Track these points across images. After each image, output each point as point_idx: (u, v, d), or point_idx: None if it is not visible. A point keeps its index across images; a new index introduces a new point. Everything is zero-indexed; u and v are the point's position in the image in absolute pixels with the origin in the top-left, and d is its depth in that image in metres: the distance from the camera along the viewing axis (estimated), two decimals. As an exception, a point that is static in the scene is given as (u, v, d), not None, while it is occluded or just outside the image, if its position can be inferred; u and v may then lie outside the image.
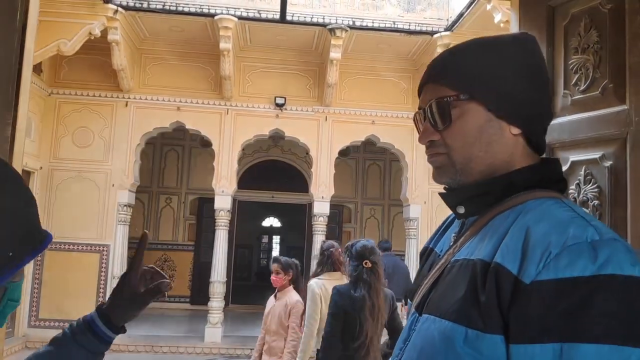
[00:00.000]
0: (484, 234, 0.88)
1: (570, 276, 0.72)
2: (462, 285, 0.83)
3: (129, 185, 8.48)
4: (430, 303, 0.90)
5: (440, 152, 0.94)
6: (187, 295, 11.82)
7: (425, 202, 8.89)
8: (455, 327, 0.80)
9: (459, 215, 0.97)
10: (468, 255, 0.87)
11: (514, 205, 0.88)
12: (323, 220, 8.84)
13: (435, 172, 0.97)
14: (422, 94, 0.98)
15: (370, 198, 12.49)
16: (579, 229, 0.76)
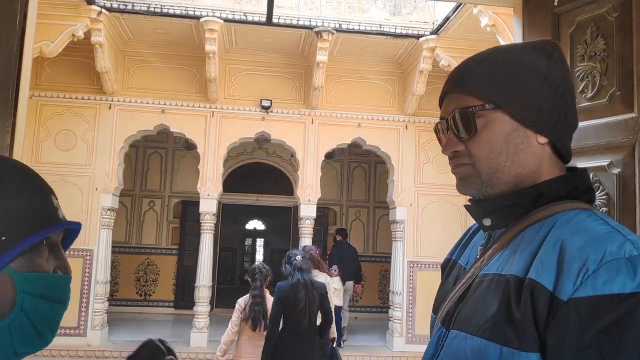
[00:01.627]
0: (514, 248, 0.86)
1: (610, 293, 0.71)
2: (495, 301, 0.82)
3: (113, 189, 8.36)
4: (459, 318, 0.89)
5: (465, 162, 0.92)
6: (171, 299, 11.69)
7: (412, 205, 8.92)
8: (489, 344, 0.79)
9: (485, 228, 0.96)
10: (499, 270, 0.85)
11: (544, 217, 0.87)
12: (310, 223, 8.82)
13: (460, 182, 0.95)
14: (444, 104, 0.97)
15: (356, 200, 12.51)
16: (616, 244, 0.75)
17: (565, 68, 0.94)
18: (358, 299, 12.26)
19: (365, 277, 12.29)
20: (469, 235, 1.08)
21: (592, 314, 0.71)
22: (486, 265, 0.89)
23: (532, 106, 0.89)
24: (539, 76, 0.90)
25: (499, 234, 0.92)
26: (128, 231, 11.70)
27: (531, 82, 0.89)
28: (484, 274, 0.88)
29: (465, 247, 1.05)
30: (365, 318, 11.91)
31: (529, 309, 0.76)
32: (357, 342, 9.19)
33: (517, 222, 0.89)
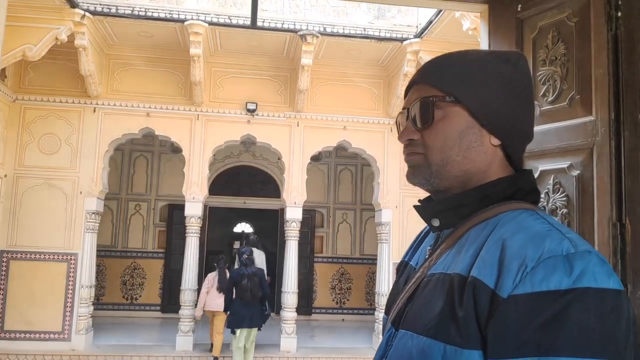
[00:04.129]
0: (459, 247, 0.88)
1: (547, 290, 0.72)
2: (439, 300, 0.83)
3: (97, 192, 8.32)
4: (406, 318, 0.90)
5: (417, 151, 0.94)
6: (158, 303, 11.64)
7: (397, 207, 8.97)
8: (433, 343, 0.80)
9: (433, 228, 0.97)
10: (444, 269, 0.87)
11: (488, 217, 0.88)
12: (296, 226, 8.83)
13: (410, 171, 0.97)
14: (408, 95, 0.99)
15: (342, 203, 12.53)
16: (555, 242, 0.76)
17: (528, 79, 0.96)
18: (345, 301, 12.29)
19: (352, 279, 12.33)
20: (421, 237, 1.09)
21: (529, 311, 0.72)
22: (434, 265, 0.91)
23: (490, 106, 0.91)
24: (502, 80, 0.92)
25: (446, 234, 0.94)
26: (114, 235, 11.63)
27: (493, 84, 0.91)
28: (432, 273, 0.89)
29: (417, 248, 1.07)
30: (353, 320, 11.93)
31: (471, 306, 0.78)
32: (344, 344, 9.21)
33: (463, 223, 0.90)
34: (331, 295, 12.28)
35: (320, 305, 12.16)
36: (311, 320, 11.49)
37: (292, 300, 8.68)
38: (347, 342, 9.41)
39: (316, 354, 8.45)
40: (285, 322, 8.60)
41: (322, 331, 10.56)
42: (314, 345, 9.12)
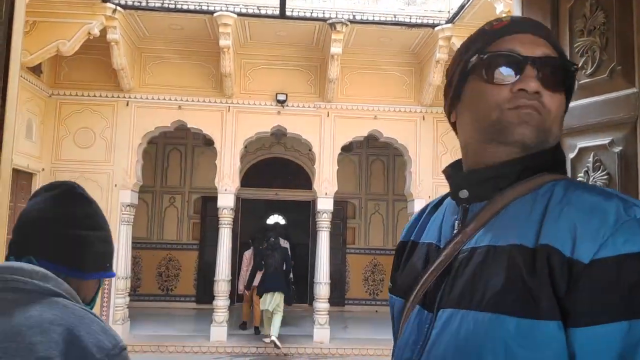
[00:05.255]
0: (506, 219, 0.84)
1: (631, 252, 0.72)
2: (497, 272, 0.78)
3: (132, 185, 8.45)
4: (451, 296, 0.83)
5: (539, 110, 0.86)
6: (193, 294, 11.80)
7: (430, 197, 8.81)
8: (502, 318, 0.75)
9: (460, 201, 0.92)
10: (492, 242, 0.82)
11: (533, 188, 0.85)
12: (327, 217, 8.79)
13: (527, 129, 0.86)
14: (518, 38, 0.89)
15: (374, 193, 12.43)
16: (625, 207, 0.76)
17: None
18: (379, 293, 12.21)
19: (385, 270, 12.24)
20: (425, 215, 1.03)
21: (617, 274, 0.71)
22: (470, 240, 0.85)
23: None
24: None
25: (479, 207, 0.89)
26: (149, 227, 11.82)
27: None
28: (472, 247, 0.84)
29: (423, 227, 1.01)
30: (386, 311, 11.76)
31: (545, 275, 0.75)
32: (378, 336, 9.13)
33: (501, 195, 0.86)
34: (364, 287, 12.22)
35: (353, 296, 12.12)
36: (344, 312, 11.46)
37: (325, 291, 8.66)
38: (381, 334, 9.32)
39: (349, 345, 8.42)
40: (318, 313, 8.59)
41: (355, 322, 10.51)
42: (347, 336, 9.08)
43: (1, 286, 1.01)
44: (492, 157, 0.89)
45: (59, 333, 0.97)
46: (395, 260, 1.05)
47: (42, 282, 1.03)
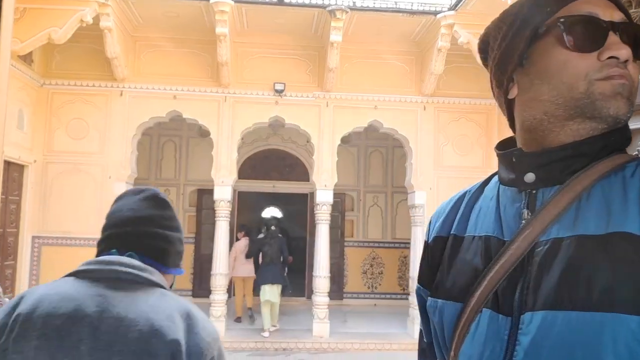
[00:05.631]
0: (592, 205, 0.74)
1: None
2: (603, 267, 0.68)
3: (126, 177, 8.25)
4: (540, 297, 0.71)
5: (629, 80, 0.76)
6: (189, 288, 11.62)
7: (431, 188, 8.67)
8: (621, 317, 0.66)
9: (523, 186, 0.80)
10: (583, 230, 0.72)
11: (613, 168, 0.75)
12: (326, 209, 8.62)
13: (620, 100, 0.76)
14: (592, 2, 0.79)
15: (373, 185, 12.27)
16: None
17: None
18: (377, 286, 12.08)
19: (383, 263, 12.11)
20: (464, 205, 0.90)
21: None
22: (547, 230, 0.74)
23: None
24: None
25: (551, 192, 0.78)
26: (144, 220, 11.61)
27: None
28: (553, 239, 0.74)
29: (465, 218, 0.88)
30: (385, 305, 11.73)
31: None
32: (378, 330, 9.02)
33: (577, 177, 0.76)
34: (362, 280, 12.09)
35: (351, 290, 11.98)
36: (343, 305, 11.32)
37: (324, 284, 8.51)
38: (381, 328, 9.21)
39: (350, 339, 8.28)
40: (318, 307, 8.44)
41: (355, 316, 10.38)
42: (347, 330, 8.94)
43: (118, 277, 1.16)
44: (572, 135, 0.78)
45: (181, 319, 1.13)
46: (430, 259, 0.92)
47: (150, 275, 1.19)
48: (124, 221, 1.26)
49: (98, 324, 1.09)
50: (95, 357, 1.07)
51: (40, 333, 1.07)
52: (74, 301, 1.11)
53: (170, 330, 1.10)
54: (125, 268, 1.17)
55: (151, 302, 1.14)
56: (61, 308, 1.10)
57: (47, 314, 1.09)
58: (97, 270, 1.17)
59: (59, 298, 1.12)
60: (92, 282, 1.15)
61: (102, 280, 1.16)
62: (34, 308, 1.10)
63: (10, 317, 1.10)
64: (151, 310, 1.12)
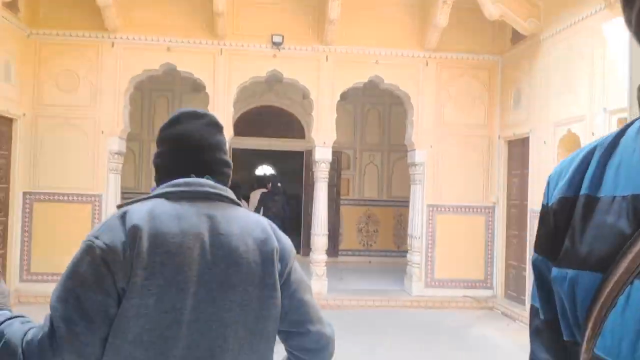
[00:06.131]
0: None
1: None
2: None
3: (119, 132, 8.00)
4: None
5: None
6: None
7: (432, 146, 8.52)
8: None
9: None
10: None
11: None
12: (325, 167, 8.47)
13: None
14: None
15: (370, 144, 12.11)
16: None
17: None
18: (372, 244, 12.08)
19: (379, 221, 12.08)
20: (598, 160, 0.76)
21: None
22: None
23: None
24: None
25: None
26: (137, 177, 11.42)
27: None
28: None
29: (599, 176, 0.74)
30: (380, 262, 11.76)
31: None
32: (374, 286, 9.03)
33: None
34: (357, 238, 12.08)
35: (346, 247, 11.98)
36: (338, 263, 11.32)
37: (322, 242, 8.44)
38: (377, 284, 9.22)
39: (347, 296, 8.28)
40: (315, 265, 8.39)
41: (350, 273, 10.39)
42: (344, 287, 8.94)
43: (208, 197, 1.26)
44: None
45: (270, 230, 1.29)
46: (552, 224, 0.78)
47: (231, 195, 1.31)
48: (197, 147, 1.33)
49: (212, 240, 1.20)
50: (214, 271, 1.18)
51: (164, 250, 1.15)
52: (187, 220, 1.20)
53: (267, 240, 1.27)
54: (213, 189, 1.28)
55: (243, 218, 1.29)
56: (175, 227, 1.18)
57: (166, 233, 1.16)
58: (190, 191, 1.26)
59: (171, 217, 1.19)
60: (190, 202, 1.24)
61: (197, 200, 1.25)
62: (151, 225, 1.16)
63: (127, 230, 1.15)
64: (246, 225, 1.27)
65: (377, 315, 7.71)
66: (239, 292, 1.19)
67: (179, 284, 1.14)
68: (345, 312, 7.78)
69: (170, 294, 1.13)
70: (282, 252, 1.29)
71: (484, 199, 8.60)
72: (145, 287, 1.11)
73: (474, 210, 8.60)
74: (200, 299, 1.15)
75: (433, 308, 8.19)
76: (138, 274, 1.11)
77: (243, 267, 1.20)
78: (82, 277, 1.13)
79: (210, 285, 1.17)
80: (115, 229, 1.16)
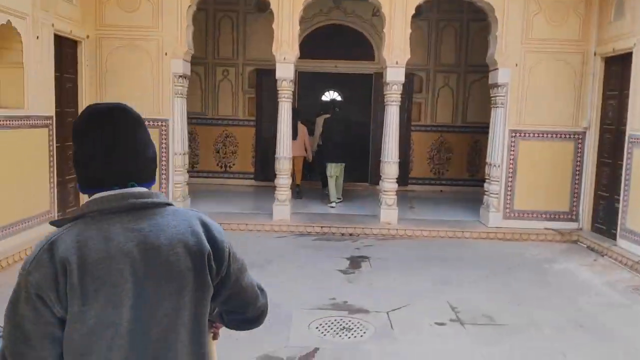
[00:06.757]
0: None
1: None
2: None
3: (183, 53, 7.71)
4: None
5: None
6: (251, 171, 11.47)
7: (517, 65, 7.70)
8: None
9: None
10: None
11: None
12: (397, 89, 7.89)
13: None
14: None
15: (445, 65, 11.27)
16: None
17: None
18: (444, 172, 11.53)
19: (452, 148, 11.45)
20: None
21: None
22: None
23: None
24: None
25: None
26: (204, 102, 11.28)
27: None
28: None
29: None
30: (451, 191, 11.24)
31: None
32: (446, 217, 8.60)
33: None
34: (429, 166, 11.54)
35: (416, 175, 11.50)
36: (407, 191, 10.91)
37: (393, 170, 8.01)
38: (450, 215, 8.78)
39: (418, 226, 7.91)
40: (386, 194, 8.02)
41: (421, 203, 9.98)
42: (415, 217, 8.57)
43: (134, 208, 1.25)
44: None
45: (200, 228, 1.30)
46: None
47: (156, 198, 1.30)
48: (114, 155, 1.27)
49: (141, 256, 1.21)
50: (147, 284, 1.20)
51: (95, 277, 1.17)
52: (114, 240, 1.20)
53: (198, 243, 1.27)
54: (138, 199, 1.26)
55: (172, 224, 1.27)
56: (103, 251, 1.18)
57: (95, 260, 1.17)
58: (114, 207, 1.24)
59: (98, 241, 1.19)
60: (117, 217, 1.23)
61: (122, 214, 1.24)
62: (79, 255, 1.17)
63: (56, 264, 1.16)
64: (176, 232, 1.26)
65: (450, 246, 7.33)
66: (174, 299, 1.23)
67: (114, 304, 1.18)
68: (415, 243, 7.46)
69: (107, 313, 1.18)
70: (216, 253, 1.30)
71: (574, 123, 7.79)
72: (83, 312, 1.16)
73: (562, 136, 7.83)
74: (136, 310, 1.20)
75: (511, 240, 7.70)
76: (75, 303, 1.16)
77: (174, 276, 1.23)
78: (22, 313, 1.17)
79: (144, 298, 1.21)
80: (45, 264, 1.17)
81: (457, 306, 4.98)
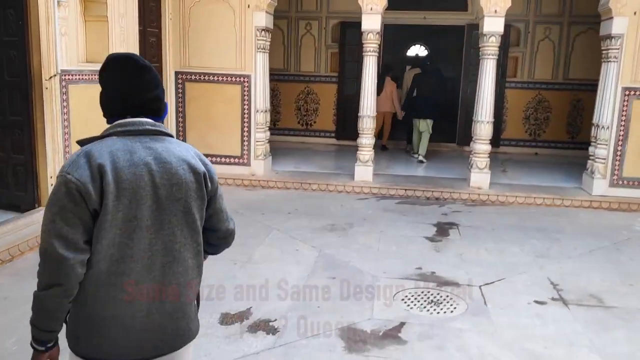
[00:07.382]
0: None
1: None
2: None
3: (266, 5, 7.40)
4: None
5: None
6: (332, 130, 11.17)
7: (636, 13, 6.76)
8: None
9: None
10: None
11: None
12: (495, 41, 7.19)
13: None
14: None
15: (545, 15, 10.23)
16: None
17: None
18: (541, 133, 10.66)
19: (550, 107, 10.54)
20: None
21: None
22: None
23: None
24: None
25: None
26: (286, 58, 11.00)
27: None
28: None
29: None
30: (547, 154, 10.40)
31: None
32: (543, 182, 7.91)
33: None
34: (524, 126, 10.70)
35: (509, 136, 10.72)
36: (498, 153, 10.20)
37: (487, 130, 7.41)
38: (547, 180, 8.07)
39: (512, 192, 7.31)
40: (477, 156, 7.46)
41: (514, 165, 9.28)
42: (508, 181, 7.95)
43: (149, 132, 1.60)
44: None
45: (198, 157, 1.68)
46: None
47: (164, 129, 1.65)
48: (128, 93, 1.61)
49: (157, 167, 1.55)
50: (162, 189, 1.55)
51: (124, 179, 1.50)
52: (136, 153, 1.54)
53: (198, 165, 1.64)
54: (152, 127, 1.61)
55: (177, 148, 1.63)
56: (129, 160, 1.52)
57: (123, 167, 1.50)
58: (134, 130, 1.58)
59: (124, 152, 1.53)
60: (136, 138, 1.58)
61: (140, 135, 1.59)
62: (111, 161, 1.50)
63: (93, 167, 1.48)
64: (180, 154, 1.62)
65: (548, 215, 6.71)
66: (181, 203, 1.58)
67: (138, 201, 1.51)
68: (509, 210, 6.90)
69: (132, 209, 1.51)
70: (210, 174, 1.68)
71: (702, 80, 6.79)
72: (115, 206, 1.48)
73: (687, 95, 6.86)
74: (154, 209, 1.54)
75: (618, 211, 6.95)
76: (109, 198, 1.47)
77: (182, 185, 1.58)
78: (61, 203, 1.46)
79: (160, 199, 1.55)
80: (82, 167, 1.48)
81: (559, 283, 4.49)
